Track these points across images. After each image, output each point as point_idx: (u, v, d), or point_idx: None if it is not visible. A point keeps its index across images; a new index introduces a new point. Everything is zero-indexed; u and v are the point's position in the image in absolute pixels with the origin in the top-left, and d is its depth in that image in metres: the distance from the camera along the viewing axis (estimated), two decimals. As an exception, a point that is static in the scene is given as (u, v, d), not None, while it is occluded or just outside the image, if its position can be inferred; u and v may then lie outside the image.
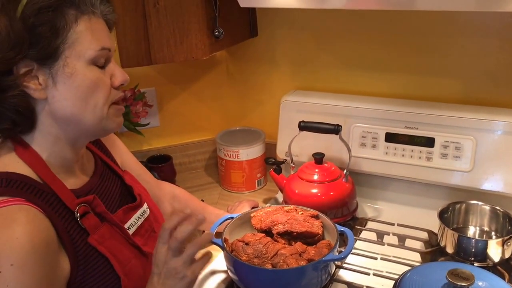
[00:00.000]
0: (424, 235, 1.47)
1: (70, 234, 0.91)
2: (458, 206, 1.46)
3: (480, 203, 1.44)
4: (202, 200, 1.64)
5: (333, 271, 1.29)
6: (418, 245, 1.45)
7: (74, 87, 0.91)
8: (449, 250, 1.35)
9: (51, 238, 0.87)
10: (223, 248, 1.28)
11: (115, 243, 0.97)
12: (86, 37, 0.91)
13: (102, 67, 0.95)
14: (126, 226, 1.03)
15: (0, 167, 0.90)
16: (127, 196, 1.11)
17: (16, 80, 0.86)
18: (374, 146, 1.61)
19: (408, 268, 1.27)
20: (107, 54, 0.95)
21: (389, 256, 1.39)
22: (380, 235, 1.48)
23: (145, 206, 1.11)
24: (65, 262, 0.90)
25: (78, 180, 1.01)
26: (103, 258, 0.94)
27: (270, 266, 1.23)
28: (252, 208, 1.60)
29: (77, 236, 0.92)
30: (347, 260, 1.38)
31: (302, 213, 1.39)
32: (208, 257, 0.98)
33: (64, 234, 0.90)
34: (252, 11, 1.81)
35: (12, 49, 0.84)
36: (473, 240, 1.34)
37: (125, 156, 1.27)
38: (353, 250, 1.38)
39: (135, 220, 1.06)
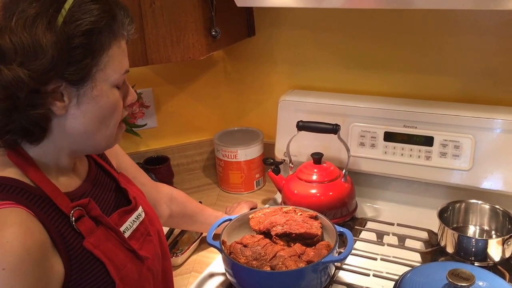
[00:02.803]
0: (424, 235, 1.47)
1: (64, 237, 0.90)
2: (457, 205, 1.46)
3: (479, 202, 1.44)
4: (200, 202, 1.63)
5: (332, 272, 1.28)
6: (418, 245, 1.44)
7: (96, 108, 0.91)
8: (449, 249, 1.34)
9: (44, 242, 0.86)
10: (221, 250, 1.27)
11: (110, 247, 0.96)
12: (115, 60, 0.91)
13: (119, 87, 0.96)
14: (121, 229, 1.02)
15: None
16: (122, 199, 1.10)
17: (45, 98, 0.86)
18: (373, 145, 1.60)
19: (408, 268, 1.26)
20: (126, 75, 0.97)
21: (389, 256, 1.39)
22: (380, 235, 1.48)
23: (140, 209, 1.10)
24: (59, 265, 0.88)
25: (71, 183, 1.00)
26: (98, 262, 0.93)
27: (268, 269, 1.22)
28: (251, 209, 1.59)
29: (72, 239, 0.91)
30: (346, 261, 1.37)
31: (301, 214, 1.38)
32: None
33: (58, 237, 0.89)
34: (249, 10, 1.80)
35: (53, 69, 0.83)
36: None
37: (120, 158, 1.26)
38: (353, 251, 1.38)
39: (130, 224, 1.05)
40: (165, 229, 1.48)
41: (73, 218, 0.92)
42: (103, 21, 0.87)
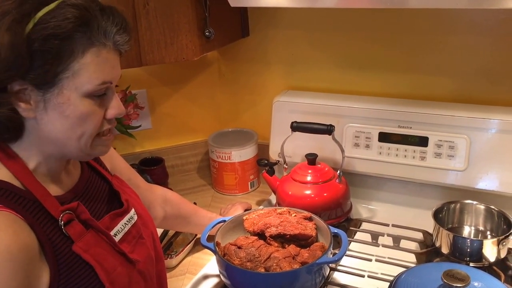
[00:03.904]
0: (419, 236, 1.46)
1: (52, 241, 0.89)
2: (452, 205, 1.45)
3: (475, 202, 1.44)
4: (195, 203, 1.63)
5: (327, 273, 1.28)
6: (413, 245, 1.44)
7: (64, 116, 0.88)
8: (444, 250, 1.34)
9: (31, 246, 0.85)
10: (215, 252, 1.26)
11: (100, 251, 0.95)
12: (88, 70, 0.87)
13: (99, 96, 0.92)
14: (112, 232, 1.01)
15: None
16: (115, 201, 1.09)
17: (7, 98, 0.85)
18: (367, 146, 1.59)
19: (403, 269, 1.26)
20: (106, 87, 0.92)
21: (384, 257, 1.39)
22: (375, 236, 1.47)
23: (132, 212, 1.09)
24: (45, 271, 0.88)
25: (62, 186, 0.99)
26: (87, 266, 0.93)
27: (263, 270, 1.22)
28: (245, 210, 1.58)
29: (60, 243, 0.90)
30: (341, 262, 1.37)
31: (295, 215, 1.38)
32: None
33: (46, 241, 0.88)
34: (243, 11, 1.79)
35: (9, 70, 0.82)
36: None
37: (114, 161, 1.25)
38: (348, 252, 1.38)
39: (122, 227, 1.05)
40: (159, 231, 1.47)
41: (62, 222, 0.91)
42: (69, 26, 0.83)
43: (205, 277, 1.39)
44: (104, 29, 0.88)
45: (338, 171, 1.54)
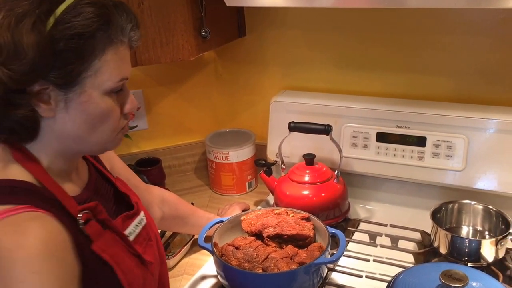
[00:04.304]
0: (417, 236, 1.46)
1: (75, 240, 0.89)
2: (450, 205, 1.45)
3: (473, 202, 1.44)
4: (192, 204, 1.62)
5: (325, 274, 1.28)
6: (411, 246, 1.44)
7: (85, 114, 0.89)
8: (442, 250, 1.34)
9: (66, 241, 0.85)
10: (212, 252, 1.26)
11: (117, 252, 0.95)
12: (109, 68, 0.88)
13: (117, 92, 0.93)
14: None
15: (0, 174, 0.87)
16: (121, 203, 1.08)
17: (28, 99, 0.84)
18: (365, 146, 1.59)
19: (401, 269, 1.25)
20: (123, 83, 0.94)
21: (382, 257, 1.38)
22: (373, 236, 1.47)
23: (142, 214, 1.09)
24: (79, 265, 0.88)
25: (75, 186, 0.99)
26: (106, 267, 0.92)
27: (260, 271, 1.21)
28: (243, 210, 1.58)
29: (81, 243, 0.90)
30: (339, 263, 1.36)
31: (293, 216, 1.37)
32: None
33: (73, 240, 0.88)
34: (239, 10, 1.79)
35: (34, 71, 0.82)
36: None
37: (113, 161, 1.25)
38: (346, 252, 1.37)
39: (133, 228, 1.04)
40: (156, 232, 1.47)
41: (81, 221, 0.90)
42: (94, 26, 0.83)
43: (203, 277, 1.38)
44: (121, 26, 0.89)
45: (336, 171, 1.54)
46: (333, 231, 1.31)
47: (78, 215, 0.90)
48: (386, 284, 1.18)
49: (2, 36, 0.80)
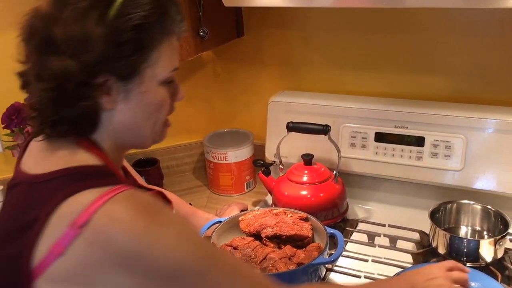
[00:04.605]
0: (416, 236, 1.46)
1: None
2: (449, 205, 1.45)
3: (471, 202, 1.44)
4: (190, 204, 1.62)
5: (323, 274, 1.28)
6: (410, 246, 1.43)
7: (144, 104, 0.91)
8: (441, 250, 1.33)
9: None
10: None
11: None
12: (165, 58, 0.90)
13: (168, 82, 0.95)
14: None
15: (77, 161, 0.87)
16: None
17: (92, 91, 0.85)
18: (363, 146, 1.59)
19: (400, 270, 1.26)
20: (175, 73, 0.96)
21: (381, 258, 1.38)
22: (371, 236, 1.47)
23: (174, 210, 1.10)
24: None
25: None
26: None
27: (259, 271, 1.21)
28: (241, 211, 1.57)
29: None
30: (337, 263, 1.36)
31: (291, 216, 1.37)
32: None
33: None
34: (237, 10, 1.78)
35: (100, 63, 0.83)
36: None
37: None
38: (344, 253, 1.37)
39: None
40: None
41: None
42: (152, 17, 0.86)
43: (201, 278, 1.37)
44: (173, 18, 0.91)
45: (334, 172, 1.54)
46: (332, 232, 1.31)
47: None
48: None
49: (71, 29, 0.82)
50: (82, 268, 0.77)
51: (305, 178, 1.52)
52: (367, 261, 1.38)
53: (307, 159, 1.55)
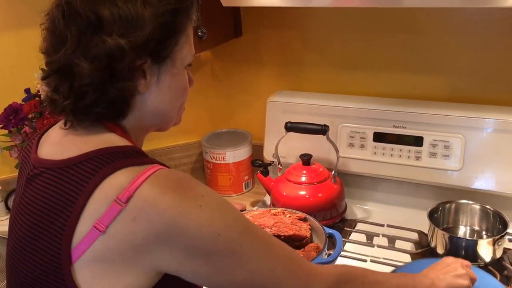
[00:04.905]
0: (414, 236, 1.46)
1: None
2: (448, 205, 1.45)
3: (470, 202, 1.44)
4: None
5: (322, 274, 1.27)
6: (408, 246, 1.44)
7: (174, 86, 0.94)
8: (440, 250, 1.34)
9: None
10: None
11: None
12: (189, 42, 0.94)
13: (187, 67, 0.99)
14: None
15: (107, 143, 0.88)
16: None
17: (130, 72, 0.87)
18: (362, 146, 1.59)
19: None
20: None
21: (379, 258, 1.38)
22: (370, 236, 1.47)
23: None
24: None
25: None
26: None
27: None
28: (240, 211, 1.57)
29: None
30: (336, 263, 1.35)
31: (289, 216, 1.37)
32: None
33: None
34: (236, 10, 1.78)
35: (145, 44, 0.85)
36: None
37: None
38: (342, 253, 1.37)
39: None
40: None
41: None
42: (186, 2, 0.90)
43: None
44: (194, 6, 0.94)
45: (333, 172, 1.54)
46: (330, 232, 1.31)
47: None
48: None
49: (122, 9, 0.83)
50: (123, 246, 0.79)
51: (303, 178, 1.52)
52: (365, 261, 1.38)
53: (306, 159, 1.55)
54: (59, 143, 0.92)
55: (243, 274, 0.84)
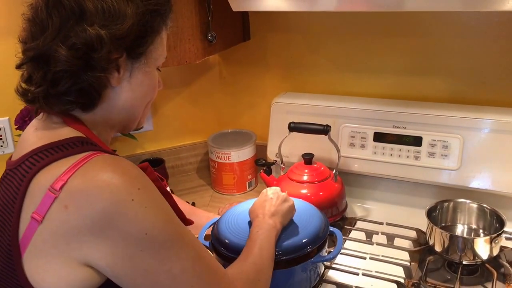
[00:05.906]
0: (413, 234, 1.47)
1: None
2: (446, 204, 1.46)
3: (468, 201, 1.45)
4: (193, 203, 1.63)
5: (322, 271, 1.29)
6: (407, 244, 1.44)
7: (144, 84, 0.97)
8: (438, 248, 1.34)
9: None
10: (212, 251, 1.28)
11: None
12: (162, 44, 0.99)
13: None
14: None
15: (57, 136, 0.89)
16: None
17: (105, 64, 0.89)
18: (362, 146, 1.61)
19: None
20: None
21: (378, 255, 1.39)
22: (369, 234, 1.48)
23: None
24: None
25: None
26: None
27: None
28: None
29: None
30: (336, 260, 1.37)
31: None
32: None
33: None
34: (244, 15, 1.81)
35: (123, 38, 0.89)
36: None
37: None
38: (342, 250, 1.39)
39: None
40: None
41: None
42: (165, 6, 0.96)
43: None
44: (170, 10, 0.99)
45: (334, 171, 1.56)
46: (331, 229, 1.30)
47: None
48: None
49: (106, 2, 0.87)
50: (56, 236, 0.79)
51: (305, 177, 1.54)
52: (365, 258, 1.39)
53: (308, 159, 1.57)
54: (20, 144, 0.96)
55: (166, 279, 0.83)
